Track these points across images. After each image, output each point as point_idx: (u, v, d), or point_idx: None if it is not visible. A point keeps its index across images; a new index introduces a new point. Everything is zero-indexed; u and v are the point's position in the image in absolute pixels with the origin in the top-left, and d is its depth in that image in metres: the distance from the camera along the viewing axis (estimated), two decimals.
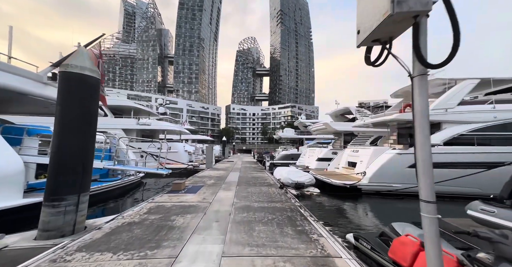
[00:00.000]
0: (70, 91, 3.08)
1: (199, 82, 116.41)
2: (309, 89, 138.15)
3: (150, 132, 24.24)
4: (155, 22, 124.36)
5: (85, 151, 3.16)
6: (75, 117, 3.08)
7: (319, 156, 15.69)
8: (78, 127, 3.10)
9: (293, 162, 21.38)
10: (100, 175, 9.26)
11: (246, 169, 14.17)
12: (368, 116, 15.65)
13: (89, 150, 3.25)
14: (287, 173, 10.25)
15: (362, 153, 10.11)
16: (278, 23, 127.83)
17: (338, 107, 17.47)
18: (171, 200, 5.51)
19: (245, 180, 9.39)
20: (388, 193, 8.43)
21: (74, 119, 3.08)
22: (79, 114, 3.12)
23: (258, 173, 12.16)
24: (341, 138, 18.83)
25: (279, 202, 5.49)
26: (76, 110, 3.09)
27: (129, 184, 9.80)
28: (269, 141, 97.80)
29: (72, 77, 3.06)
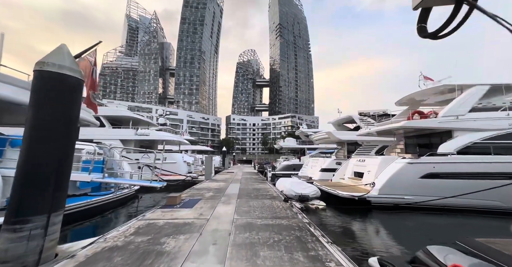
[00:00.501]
0: (46, 93, 2.67)
1: (200, 93, 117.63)
2: (308, 100, 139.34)
3: (149, 143, 23.75)
4: (157, 36, 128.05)
5: (60, 162, 2.69)
6: (50, 123, 2.65)
7: (323, 166, 15.11)
8: (53, 134, 2.66)
9: (295, 173, 20.71)
10: (92, 188, 8.69)
11: (247, 180, 13.54)
12: (372, 124, 15.26)
13: (65, 161, 2.78)
14: (290, 184, 9.65)
15: (369, 163, 9.57)
16: (277, 36, 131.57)
17: (341, 116, 17.13)
18: (164, 216, 4.94)
19: (246, 192, 8.79)
20: (401, 205, 7.80)
21: (49, 124, 2.64)
22: (55, 119, 2.68)
23: (260, 184, 11.55)
24: (344, 147, 18.32)
25: (284, 218, 4.91)
26: (52, 114, 2.66)
27: (123, 197, 9.18)
28: (270, 151, 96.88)
29: (48, 76, 2.67)
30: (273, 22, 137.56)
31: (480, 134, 7.73)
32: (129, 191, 9.82)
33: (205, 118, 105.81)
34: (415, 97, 10.58)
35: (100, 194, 8.15)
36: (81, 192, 7.85)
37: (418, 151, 9.56)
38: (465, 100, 8.14)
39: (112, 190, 9.07)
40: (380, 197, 7.95)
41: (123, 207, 9.02)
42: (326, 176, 14.87)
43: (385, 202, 7.93)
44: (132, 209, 9.12)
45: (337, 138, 15.46)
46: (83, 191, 8.05)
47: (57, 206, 2.66)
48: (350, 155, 16.52)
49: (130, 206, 9.47)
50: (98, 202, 7.47)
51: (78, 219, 6.61)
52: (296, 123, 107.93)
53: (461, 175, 7.42)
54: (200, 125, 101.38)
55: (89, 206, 6.98)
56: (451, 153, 7.70)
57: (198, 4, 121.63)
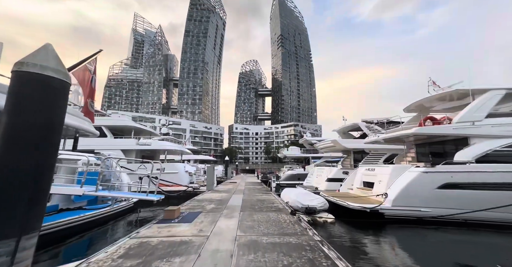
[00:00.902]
0: (24, 96, 2.37)
1: (203, 103, 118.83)
2: (311, 108, 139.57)
3: (151, 153, 23.44)
4: (162, 48, 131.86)
5: (37, 174, 2.34)
6: (27, 129, 2.33)
7: (329, 176, 14.51)
8: (30, 143, 2.32)
9: (299, 183, 20.04)
10: (88, 201, 8.29)
11: (250, 191, 12.98)
12: (380, 132, 14.79)
13: (44, 173, 2.43)
14: (295, 196, 9.10)
15: (380, 172, 9.04)
16: (279, 46, 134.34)
17: (346, 124, 16.71)
18: (159, 233, 4.48)
19: (250, 203, 8.28)
20: (417, 219, 7.19)
21: (26, 131, 2.32)
22: (34, 126, 2.36)
23: (264, 195, 11.00)
24: (350, 155, 17.74)
25: (293, 235, 4.41)
26: (30, 120, 2.35)
27: (120, 211, 8.72)
28: (273, 160, 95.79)
29: (28, 78, 2.38)
30: (275, 34, 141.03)
31: (499, 141, 7.22)
32: (127, 204, 9.37)
33: (208, 127, 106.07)
34: (424, 103, 10.19)
35: (96, 208, 7.73)
36: (76, 206, 7.45)
37: (431, 159, 9.02)
38: (481, 105, 7.71)
39: (109, 202, 8.65)
40: (394, 209, 7.36)
41: (120, 220, 8.55)
42: (333, 186, 14.24)
43: (399, 214, 7.32)
44: (129, 223, 8.62)
45: (343, 146, 14.96)
46: (78, 204, 7.65)
47: (30, 227, 2.27)
48: (357, 163, 15.93)
49: (127, 220, 8.98)
50: (93, 216, 7.04)
51: (71, 235, 6.17)
52: (299, 132, 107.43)
53: (483, 185, 6.84)
54: (203, 135, 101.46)
55: (83, 221, 6.54)
56: (469, 161, 7.18)
57: (202, 18, 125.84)
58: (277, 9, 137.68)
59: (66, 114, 8.47)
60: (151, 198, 5.87)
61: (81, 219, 6.48)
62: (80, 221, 6.40)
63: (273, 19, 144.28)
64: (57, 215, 6.57)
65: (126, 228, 7.87)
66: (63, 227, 5.93)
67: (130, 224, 8.65)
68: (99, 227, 7.19)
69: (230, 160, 48.10)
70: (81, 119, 9.96)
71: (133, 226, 8.25)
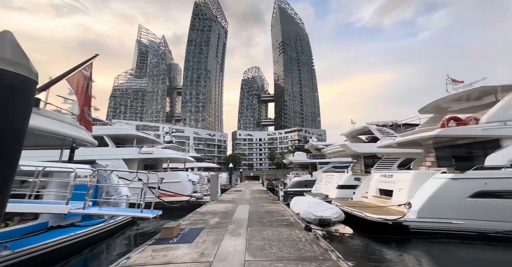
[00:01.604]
0: None
1: (206, 111, 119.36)
2: (314, 113, 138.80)
3: (153, 161, 22.95)
4: (166, 58, 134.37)
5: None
6: None
7: (340, 182, 13.66)
8: None
9: (307, 190, 19.15)
10: (83, 216, 7.68)
11: (257, 200, 12.22)
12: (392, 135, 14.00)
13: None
14: (307, 205, 8.32)
15: (399, 178, 8.23)
16: (280, 53, 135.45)
17: (355, 127, 15.96)
18: (153, 258, 3.80)
19: (258, 216, 7.54)
20: (449, 233, 6.33)
21: None
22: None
23: (272, 205, 10.23)
24: (360, 160, 16.88)
25: (313, 259, 3.68)
26: None
27: (117, 226, 8.05)
28: (277, 166, 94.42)
29: None
30: (276, 40, 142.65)
31: None
32: (125, 218, 8.68)
33: (211, 134, 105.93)
34: (442, 104, 9.44)
35: (90, 224, 7.09)
36: (68, 222, 6.83)
37: (455, 164, 8.20)
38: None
39: (105, 217, 8.01)
40: (420, 221, 6.53)
41: (117, 237, 7.87)
42: (344, 193, 13.37)
43: (427, 227, 6.47)
44: (126, 241, 7.93)
45: (353, 150, 14.16)
46: (71, 220, 7.03)
47: None
48: (368, 169, 15.08)
49: (125, 235, 8.30)
50: (85, 234, 6.38)
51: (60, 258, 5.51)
52: (303, 137, 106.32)
53: None
54: (207, 142, 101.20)
55: (73, 241, 5.88)
56: (505, 166, 6.37)
57: (204, 27, 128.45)
58: (278, 16, 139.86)
59: (61, 124, 7.78)
60: (146, 215, 5.21)
61: (72, 239, 5.82)
62: (70, 241, 5.75)
63: (274, 26, 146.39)
64: (45, 234, 5.95)
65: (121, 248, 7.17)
66: (50, 248, 5.29)
67: (127, 241, 7.97)
68: (92, 246, 6.53)
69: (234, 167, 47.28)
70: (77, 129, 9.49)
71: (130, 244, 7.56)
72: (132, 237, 8.57)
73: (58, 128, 7.80)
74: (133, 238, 8.39)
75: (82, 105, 7.64)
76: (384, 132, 14.14)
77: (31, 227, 6.08)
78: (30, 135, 8.54)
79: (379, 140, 14.29)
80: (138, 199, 8.71)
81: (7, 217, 5.96)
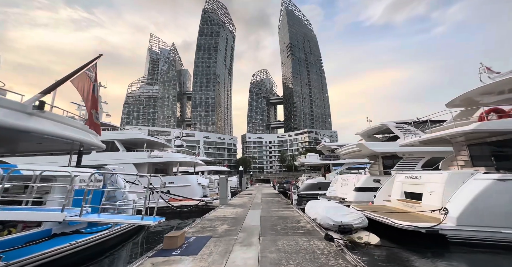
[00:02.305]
0: None
1: (215, 115, 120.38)
2: (324, 114, 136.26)
3: (164, 165, 22.88)
4: (175, 64, 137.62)
5: None
6: None
7: (357, 184, 12.72)
8: None
9: (321, 192, 18.22)
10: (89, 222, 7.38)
11: (269, 204, 11.55)
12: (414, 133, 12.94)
13: None
14: (324, 210, 7.56)
15: (429, 180, 7.30)
16: (288, 54, 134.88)
17: (371, 126, 14.95)
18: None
19: (271, 223, 6.89)
20: (497, 244, 5.37)
21: None
22: None
23: (285, 210, 9.54)
24: (378, 161, 15.78)
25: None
26: None
27: (124, 232, 7.67)
28: (288, 168, 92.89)
29: None
30: (284, 42, 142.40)
31: None
32: (129, 226, 8.30)
33: (221, 138, 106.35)
34: (473, 96, 8.40)
35: (95, 230, 6.74)
36: (72, 229, 6.51)
37: (495, 163, 7.17)
38: None
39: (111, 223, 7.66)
40: (460, 229, 5.61)
41: (123, 246, 7.48)
42: (363, 196, 12.41)
43: (470, 237, 5.54)
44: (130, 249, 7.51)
45: (371, 150, 13.18)
46: (75, 227, 6.71)
47: None
48: (387, 170, 14.01)
49: (130, 244, 7.90)
50: (89, 241, 6.01)
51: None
52: (314, 139, 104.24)
53: None
54: (217, 146, 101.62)
55: (75, 249, 5.51)
56: None
57: (212, 33, 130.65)
58: (285, 19, 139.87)
59: (67, 127, 7.48)
60: (146, 223, 4.74)
61: (72, 247, 5.45)
62: (70, 250, 5.38)
63: (282, 29, 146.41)
64: (47, 242, 5.62)
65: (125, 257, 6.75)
66: (48, 259, 4.93)
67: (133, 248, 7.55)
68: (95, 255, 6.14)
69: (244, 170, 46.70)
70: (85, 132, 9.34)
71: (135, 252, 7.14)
72: (139, 244, 8.17)
73: (64, 131, 7.62)
74: (139, 246, 7.98)
75: (90, 109, 7.43)
76: (405, 130, 13.09)
77: (33, 235, 5.78)
78: (35, 139, 8.45)
79: (399, 139, 13.26)
80: (140, 204, 8.38)
81: (11, 224, 5.72)
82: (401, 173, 9.34)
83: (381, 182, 12.37)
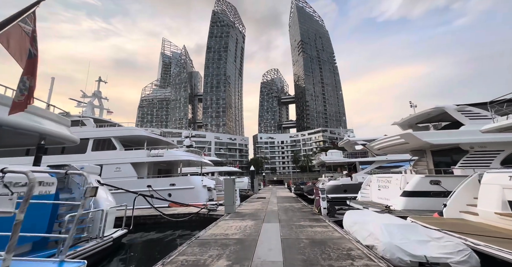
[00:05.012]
0: None
1: (226, 116, 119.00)
2: (339, 113, 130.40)
3: (167, 165, 20.67)
4: (186, 66, 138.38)
5: None
6: None
7: (408, 188, 9.51)
8: None
9: (348, 196, 14.97)
10: (34, 243, 4.99)
11: (289, 214, 8.69)
12: (485, 118, 9.56)
13: None
14: (385, 232, 4.58)
15: None
16: (300, 52, 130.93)
17: (419, 112, 11.57)
18: None
19: (300, 253, 4.06)
20: None
21: None
22: None
23: (315, 224, 6.63)
24: (426, 156, 12.39)
25: None
26: None
27: (88, 255, 5.14)
28: (302, 169, 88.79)
29: None
30: (295, 40, 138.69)
31: None
32: (101, 242, 5.78)
33: (232, 139, 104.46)
34: None
35: (40, 256, 4.32)
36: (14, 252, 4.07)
37: None
38: None
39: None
40: None
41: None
42: (416, 203, 9.22)
43: None
44: None
45: (424, 141, 9.85)
46: (19, 249, 4.31)
47: None
48: (443, 168, 10.63)
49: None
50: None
51: None
52: (328, 138, 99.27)
53: None
54: (228, 146, 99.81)
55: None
56: None
57: (222, 33, 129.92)
58: (296, 16, 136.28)
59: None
60: None
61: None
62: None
63: (292, 26, 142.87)
64: None
65: None
66: None
67: None
68: None
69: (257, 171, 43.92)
70: (49, 121, 7.05)
71: None
72: None
73: (10, 118, 5.35)
74: None
75: (23, 75, 5.01)
76: (472, 114, 9.71)
77: None
78: None
79: (463, 126, 9.89)
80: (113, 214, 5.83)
81: None
82: (495, 172, 6.11)
83: (442, 185, 9.11)
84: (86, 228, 5.42)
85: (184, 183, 16.17)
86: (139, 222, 9.77)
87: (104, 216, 5.81)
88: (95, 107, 20.60)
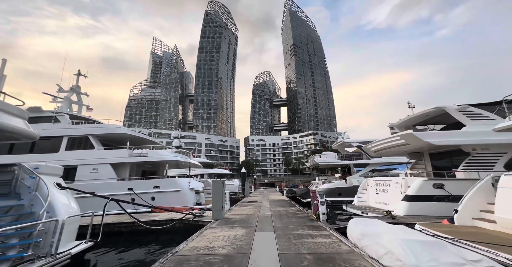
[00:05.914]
0: None
1: (218, 117, 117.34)
2: (329, 116, 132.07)
3: (152, 167, 19.28)
4: (178, 66, 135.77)
5: None
6: None
7: (409, 191, 8.90)
8: None
9: (343, 200, 14.33)
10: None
11: (283, 220, 7.80)
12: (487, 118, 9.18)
13: None
14: (407, 250, 3.73)
15: None
16: (292, 55, 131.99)
17: (416, 113, 11.11)
18: None
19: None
20: None
21: None
22: None
23: (316, 234, 5.78)
24: (424, 159, 11.97)
25: None
26: None
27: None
28: (293, 172, 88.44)
29: None
30: (287, 44, 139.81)
31: None
32: (53, 262, 4.62)
33: (223, 140, 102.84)
34: None
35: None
36: None
37: None
38: None
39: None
40: None
41: None
42: (419, 208, 8.63)
43: None
44: None
45: (426, 142, 9.32)
46: None
47: None
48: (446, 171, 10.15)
49: None
50: None
51: None
52: (319, 141, 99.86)
53: None
54: (219, 148, 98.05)
55: None
56: None
57: (215, 34, 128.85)
58: (288, 20, 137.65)
59: None
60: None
61: None
62: None
63: (285, 30, 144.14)
64: None
65: None
66: None
67: None
68: None
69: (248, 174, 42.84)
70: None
71: None
72: None
73: None
74: None
75: None
76: (473, 114, 9.30)
77: None
78: None
79: (464, 127, 9.47)
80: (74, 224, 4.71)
81: None
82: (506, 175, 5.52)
83: (445, 188, 8.57)
84: (33, 243, 4.26)
85: (170, 186, 14.94)
86: (113, 231, 8.55)
87: (60, 227, 4.67)
88: (73, 103, 18.87)
